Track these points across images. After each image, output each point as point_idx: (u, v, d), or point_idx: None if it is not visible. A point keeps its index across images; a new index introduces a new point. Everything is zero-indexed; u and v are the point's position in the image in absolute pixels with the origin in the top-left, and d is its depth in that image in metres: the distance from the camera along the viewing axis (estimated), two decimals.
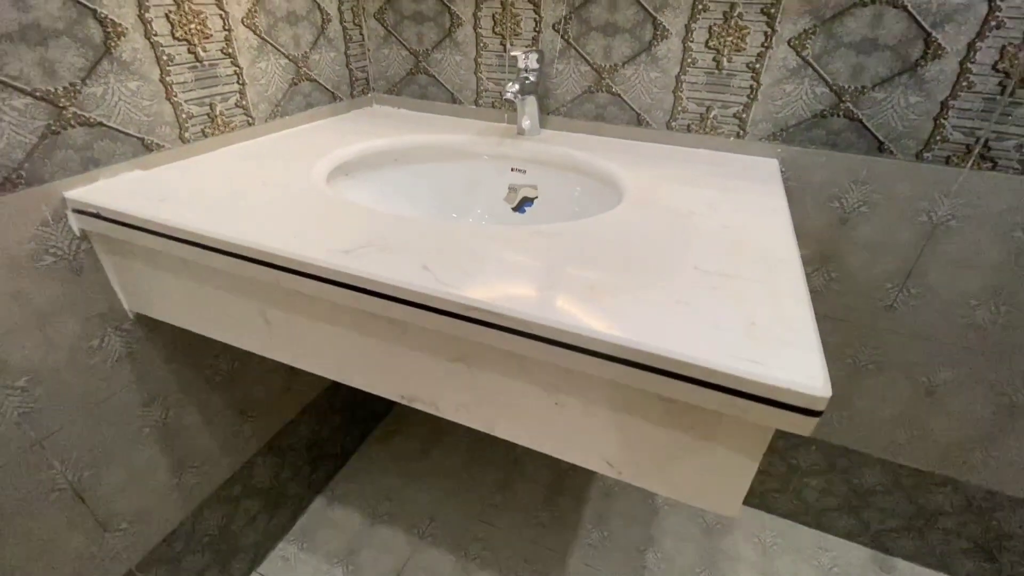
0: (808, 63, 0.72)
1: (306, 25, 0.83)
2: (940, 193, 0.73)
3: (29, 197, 0.54)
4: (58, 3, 0.53)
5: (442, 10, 0.88)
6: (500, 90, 0.91)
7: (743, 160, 0.78)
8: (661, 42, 0.77)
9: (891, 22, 0.66)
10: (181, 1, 0.64)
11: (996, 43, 0.64)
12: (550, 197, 0.84)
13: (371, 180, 0.81)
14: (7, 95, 0.51)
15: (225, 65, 0.71)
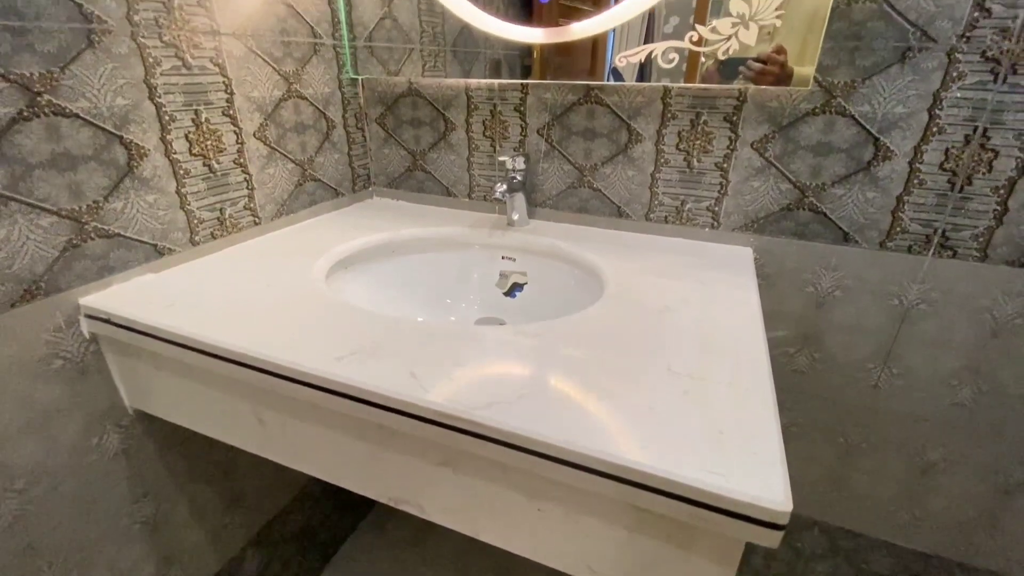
0: (771, 163, 0.78)
1: (312, 132, 0.91)
2: (908, 279, 0.77)
3: (46, 306, 0.58)
4: (88, 133, 0.59)
5: (437, 116, 0.97)
6: (491, 185, 0.98)
7: (719, 250, 0.82)
8: (636, 145, 0.84)
9: (842, 128, 0.73)
10: (200, 122, 0.71)
11: (940, 146, 0.70)
12: (539, 283, 0.88)
13: (369, 271, 0.85)
14: (35, 216, 0.56)
15: (236, 174, 0.78)
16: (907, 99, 0.69)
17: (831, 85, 0.71)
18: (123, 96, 0.62)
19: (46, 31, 0.54)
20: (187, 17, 0.67)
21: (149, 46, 0.63)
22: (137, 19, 0.61)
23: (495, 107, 0.92)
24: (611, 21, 0.76)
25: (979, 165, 0.69)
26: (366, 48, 0.94)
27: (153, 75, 0.64)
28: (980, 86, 0.66)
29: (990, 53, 0.64)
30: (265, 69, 0.79)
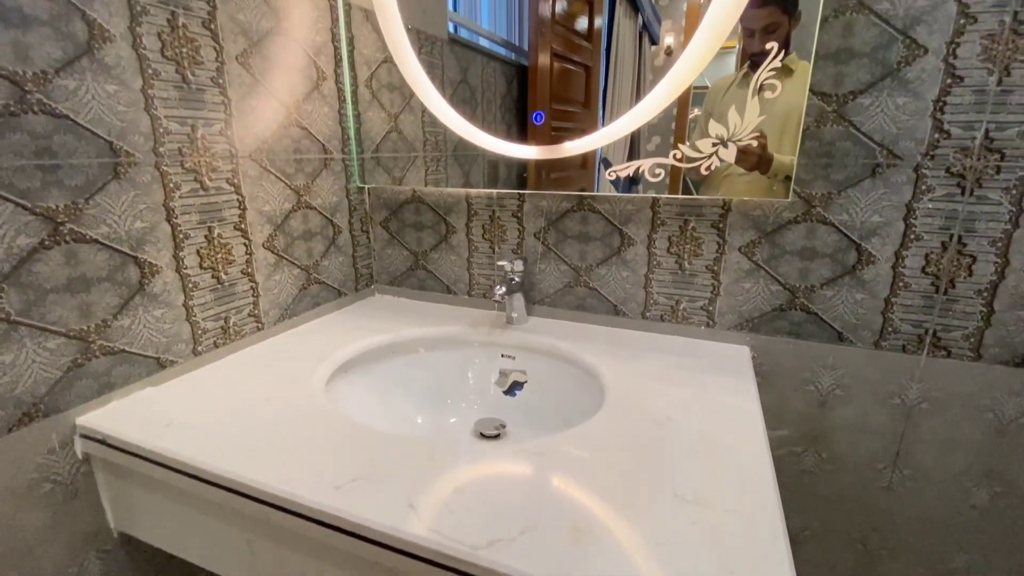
0: (760, 266, 0.81)
1: (319, 238, 0.95)
2: (906, 378, 0.78)
3: (43, 428, 0.58)
4: (105, 256, 0.62)
5: (439, 221, 1.02)
6: (490, 284, 1.01)
7: (716, 349, 0.83)
8: (628, 248, 0.88)
9: (824, 235, 0.77)
10: (212, 237, 0.74)
11: (919, 252, 0.73)
12: (539, 382, 0.87)
13: (370, 373, 0.85)
14: (43, 339, 0.57)
15: (243, 283, 0.80)
16: (882, 209, 0.73)
17: (809, 196, 0.76)
18: (142, 220, 0.65)
19: (76, 166, 0.58)
20: (208, 145, 0.72)
21: (171, 173, 0.68)
22: (162, 150, 0.66)
23: (494, 213, 0.97)
24: (599, 141, 0.82)
25: (959, 269, 0.72)
26: (373, 159, 1.01)
27: (172, 199, 0.68)
28: (949, 198, 0.70)
29: (954, 169, 0.69)
30: (278, 185, 0.84)
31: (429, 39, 0.97)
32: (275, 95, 0.81)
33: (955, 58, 0.66)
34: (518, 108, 0.98)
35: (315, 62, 0.89)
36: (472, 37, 1.05)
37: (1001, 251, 0.70)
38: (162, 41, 0.65)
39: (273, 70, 0.81)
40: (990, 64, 0.65)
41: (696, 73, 0.74)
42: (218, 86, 0.72)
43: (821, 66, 0.71)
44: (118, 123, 0.61)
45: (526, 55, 0.93)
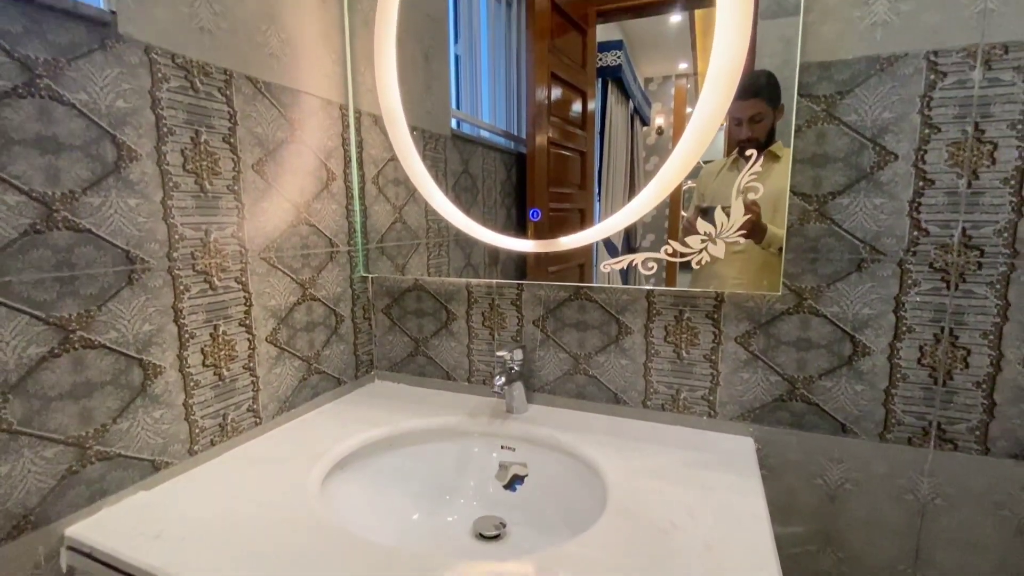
0: (757, 356, 0.82)
1: (322, 329, 0.97)
2: (916, 472, 0.76)
3: (31, 541, 0.56)
4: (111, 360, 0.63)
5: (440, 308, 1.04)
6: (490, 371, 1.01)
7: (718, 441, 0.82)
8: (626, 337, 0.89)
9: (817, 326, 0.78)
10: (217, 335, 0.76)
11: (913, 343, 0.74)
12: (540, 476, 0.85)
13: (367, 467, 0.84)
14: (41, 447, 0.57)
15: (244, 378, 0.81)
16: (871, 302, 0.75)
17: (800, 289, 0.78)
18: (150, 323, 0.67)
19: (92, 276, 0.61)
20: (220, 247, 0.76)
21: (182, 276, 0.71)
22: (176, 255, 0.70)
23: (493, 301, 0.99)
24: (594, 236, 0.86)
25: (955, 362, 0.72)
26: (377, 248, 1.05)
27: (181, 300, 0.71)
28: (936, 292, 0.72)
29: (937, 265, 0.71)
30: (284, 280, 0.87)
31: (433, 137, 1.04)
32: (286, 197, 0.86)
33: (924, 163, 0.70)
34: (517, 193, 1.03)
35: (325, 164, 0.95)
36: (473, 131, 1.13)
37: (994, 344, 0.70)
38: (184, 156, 0.70)
39: (286, 175, 0.86)
40: (958, 168, 0.69)
41: (684, 174, 0.79)
42: (233, 192, 0.77)
43: (799, 169, 0.76)
44: (136, 233, 0.65)
45: (524, 143, 0.99)
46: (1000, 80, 0.66)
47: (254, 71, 0.79)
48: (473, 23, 1.09)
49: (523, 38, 0.97)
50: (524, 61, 0.98)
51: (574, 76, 0.95)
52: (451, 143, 1.05)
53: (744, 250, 0.76)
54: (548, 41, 0.93)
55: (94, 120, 0.60)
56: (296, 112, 0.87)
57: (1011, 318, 0.69)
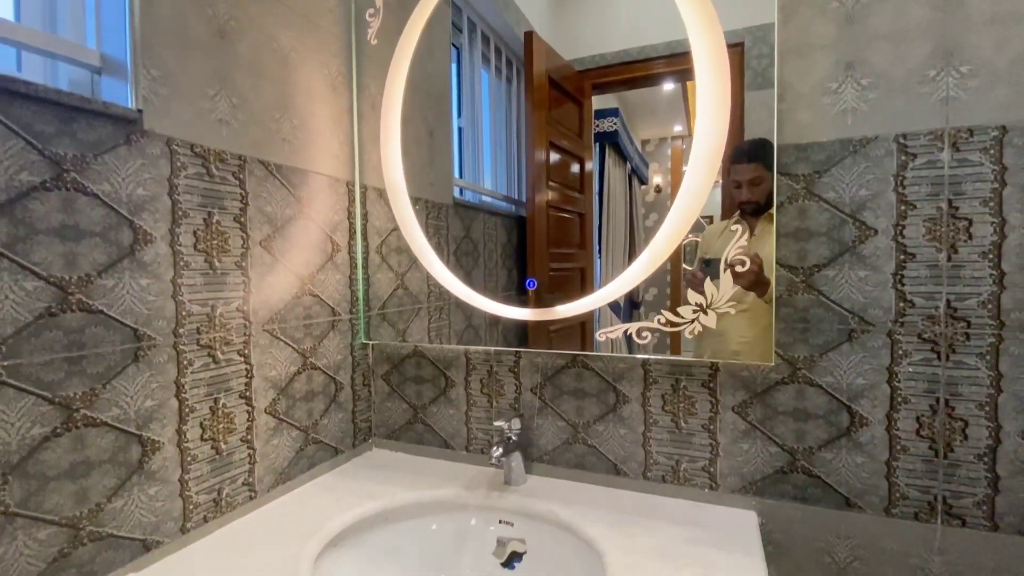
0: (755, 427, 0.81)
1: (321, 397, 0.97)
2: (925, 550, 0.73)
3: None
4: (112, 438, 0.64)
5: (438, 375, 1.05)
6: (488, 439, 1.00)
7: (721, 515, 0.80)
8: (624, 405, 0.89)
9: (813, 396, 0.78)
10: (217, 409, 0.77)
11: (910, 414, 0.74)
12: (539, 553, 0.83)
13: (362, 544, 0.82)
14: (35, 529, 0.57)
15: (241, 451, 0.81)
16: (865, 372, 0.75)
17: (793, 359, 0.79)
18: (152, 398, 0.68)
19: (100, 355, 0.63)
20: (225, 321, 0.78)
21: (186, 351, 0.72)
22: (182, 331, 0.72)
23: (492, 368, 1.00)
24: (590, 305, 0.88)
25: (953, 433, 0.72)
26: (379, 315, 1.07)
27: (184, 375, 0.72)
28: (927, 363, 0.73)
29: (925, 335, 0.73)
30: (286, 351, 0.89)
31: (436, 206, 1.09)
32: (292, 270, 0.90)
33: (904, 238, 0.73)
34: (518, 255, 1.06)
35: (331, 237, 0.99)
36: (475, 197, 1.17)
37: (991, 415, 0.70)
38: (196, 237, 0.74)
39: (292, 249, 0.90)
40: (937, 243, 0.72)
41: (675, 244, 0.82)
42: (240, 268, 0.80)
43: (784, 242, 0.79)
44: (145, 312, 0.67)
45: (524, 206, 1.03)
46: (968, 160, 0.70)
47: (267, 155, 0.84)
48: (475, 98, 1.16)
49: (522, 110, 1.04)
50: (524, 131, 1.04)
51: (571, 143, 1.01)
52: (453, 211, 1.10)
53: (748, 308, 0.77)
54: (546, 113, 0.99)
55: (114, 208, 0.64)
56: (305, 191, 0.92)
57: (1005, 389, 0.70)
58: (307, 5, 0.93)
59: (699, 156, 0.79)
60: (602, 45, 0.92)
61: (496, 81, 1.14)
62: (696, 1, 0.78)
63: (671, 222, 0.82)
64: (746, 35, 0.77)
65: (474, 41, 1.10)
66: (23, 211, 0.56)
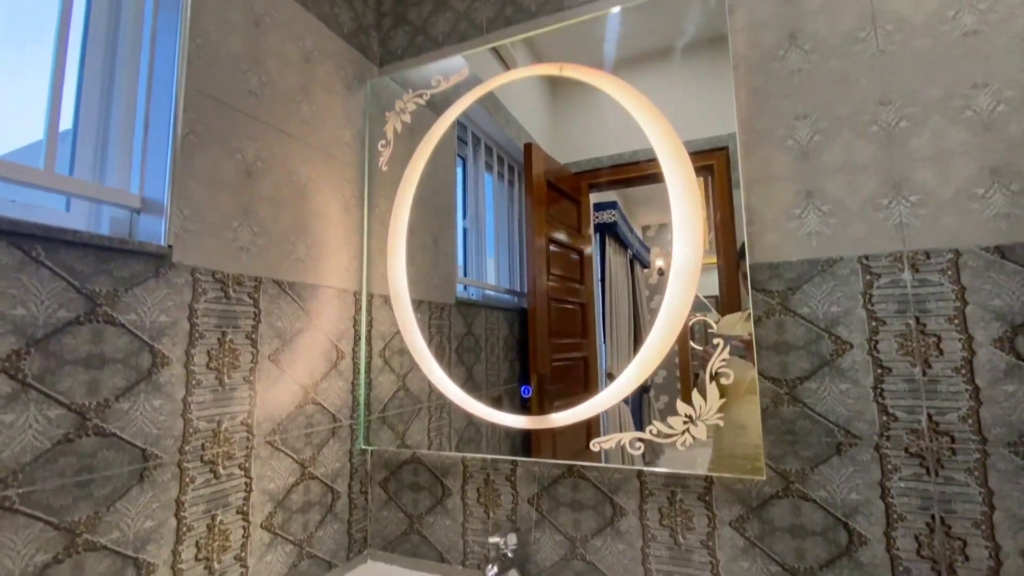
0: (754, 543, 0.80)
1: (317, 508, 0.97)
2: None
3: None
4: (108, 562, 0.65)
5: (435, 482, 1.05)
6: (484, 552, 0.98)
7: None
8: (621, 518, 0.88)
9: (809, 512, 0.78)
10: (214, 525, 0.78)
11: (908, 532, 0.73)
12: None
13: None
14: None
15: (234, 570, 0.80)
16: (857, 487, 0.76)
17: (785, 472, 0.79)
18: (152, 519, 0.70)
19: (108, 477, 0.65)
20: (230, 435, 0.81)
21: (190, 468, 0.75)
22: (187, 448, 0.75)
23: (488, 476, 1.00)
24: (585, 414, 0.91)
25: (954, 553, 0.71)
26: (379, 419, 1.09)
27: (185, 492, 0.74)
28: (918, 478, 0.73)
29: (912, 450, 0.74)
30: (285, 461, 0.91)
31: (439, 307, 1.14)
32: (297, 380, 0.94)
33: (879, 352, 0.77)
34: (520, 347, 1.10)
35: (336, 345, 1.04)
36: (478, 293, 1.23)
37: (987, 534, 0.69)
38: (209, 356, 0.79)
39: (299, 360, 0.95)
40: (911, 358, 0.75)
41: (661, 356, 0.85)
42: (248, 383, 0.85)
43: (765, 355, 0.82)
44: (155, 432, 0.71)
45: (526, 297, 1.07)
46: (929, 281, 0.75)
47: (281, 275, 0.92)
48: (479, 200, 1.25)
49: (523, 209, 1.11)
50: (525, 228, 1.12)
51: (571, 238, 1.08)
52: (455, 310, 1.15)
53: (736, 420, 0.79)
54: (545, 211, 1.07)
55: (138, 335, 0.70)
56: (314, 304, 0.99)
57: (998, 506, 0.69)
58: (326, 140, 1.06)
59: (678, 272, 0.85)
60: (596, 150, 1.01)
61: (499, 183, 1.24)
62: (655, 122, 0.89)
63: (666, 311, 0.86)
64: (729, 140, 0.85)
65: (478, 152, 1.21)
66: (57, 344, 0.62)
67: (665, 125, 0.90)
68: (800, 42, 0.85)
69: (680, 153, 0.88)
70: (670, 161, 0.89)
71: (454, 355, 1.11)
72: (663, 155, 0.90)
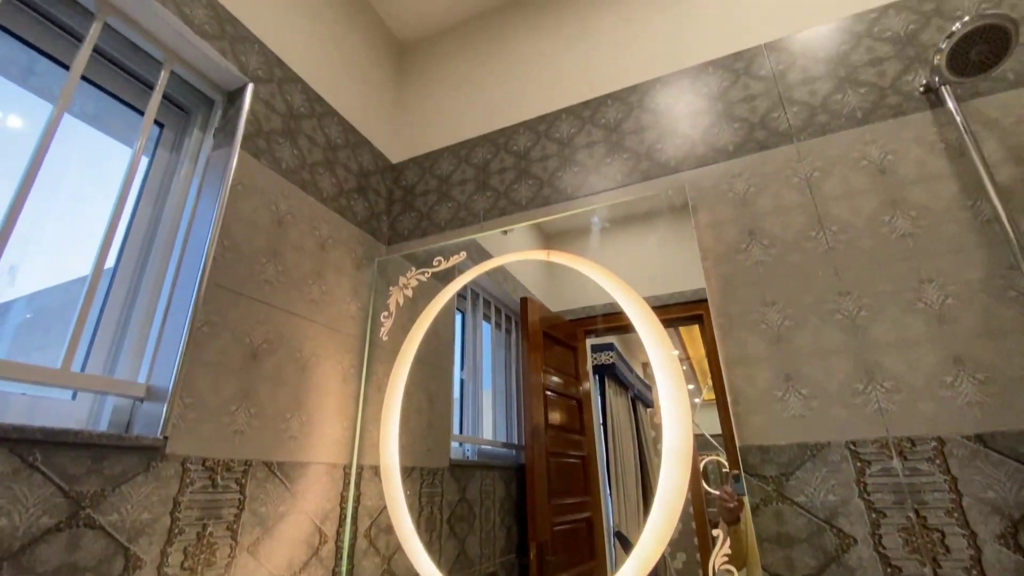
0: None
1: None
2: None
3: None
4: None
5: None
6: None
7: None
8: None
9: None
10: None
11: None
12: None
13: None
14: None
15: None
16: None
17: None
18: None
19: None
20: None
21: None
22: None
23: None
24: None
25: None
26: None
27: None
28: None
29: None
30: None
31: (431, 472, 1.11)
32: (274, 574, 0.88)
33: (884, 548, 0.73)
34: (518, 510, 1.03)
35: (320, 528, 0.99)
36: (473, 451, 1.19)
37: None
38: (185, 554, 0.75)
39: (278, 549, 0.90)
40: (918, 556, 0.72)
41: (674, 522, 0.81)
42: None
43: (768, 548, 0.78)
44: None
45: (523, 450, 1.02)
46: (919, 470, 0.75)
47: (272, 456, 0.92)
48: (477, 351, 1.28)
49: (521, 359, 1.13)
50: (522, 378, 1.12)
51: (568, 388, 1.07)
52: (449, 473, 1.11)
53: None
54: (541, 358, 1.08)
55: (115, 537, 0.68)
56: (302, 483, 0.97)
57: None
58: (332, 316, 1.13)
59: (668, 453, 0.85)
60: (589, 299, 1.06)
61: (496, 332, 1.28)
62: (636, 304, 0.95)
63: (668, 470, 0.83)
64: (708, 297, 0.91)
65: (477, 305, 1.27)
66: (30, 558, 0.60)
67: (642, 304, 0.97)
68: (759, 238, 0.96)
69: (656, 326, 0.94)
70: (643, 324, 0.94)
71: (446, 526, 1.05)
72: (642, 331, 0.95)
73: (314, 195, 1.13)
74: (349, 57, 1.36)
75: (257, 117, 1.01)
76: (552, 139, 1.26)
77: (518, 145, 1.30)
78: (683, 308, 0.95)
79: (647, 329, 0.95)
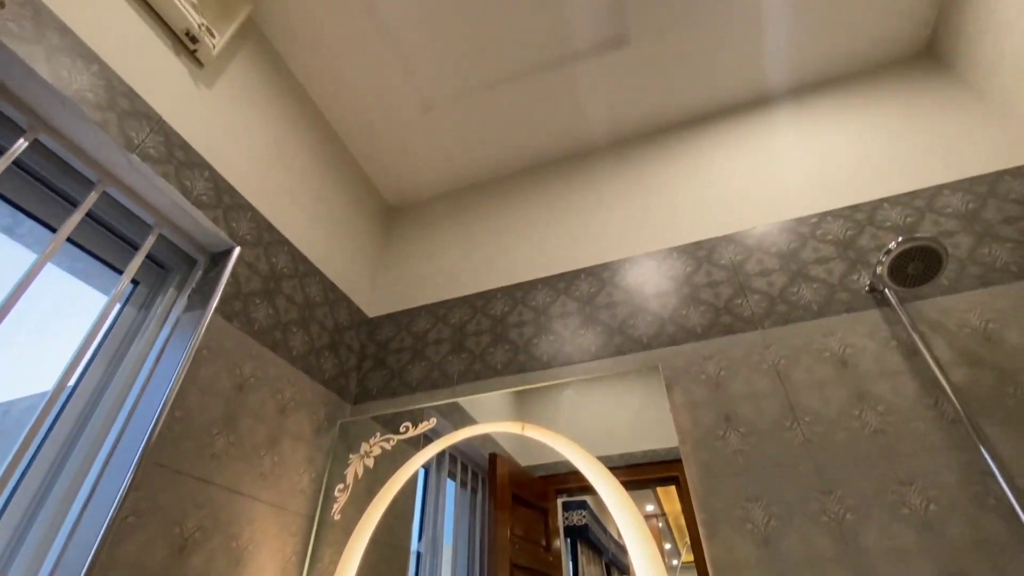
0: None
1: None
2: None
3: None
4: None
5: None
6: None
7: None
8: None
9: None
10: None
11: None
12: None
13: None
14: None
15: None
16: None
17: None
18: None
19: None
20: None
21: None
22: None
23: None
24: None
25: None
26: None
27: None
28: None
29: None
30: None
31: None
32: None
33: None
34: None
35: None
36: None
37: None
38: None
39: None
40: None
41: None
42: None
43: None
44: None
45: None
46: None
47: None
48: (439, 516, 1.13)
49: (487, 521, 1.00)
50: (487, 543, 0.98)
51: (537, 559, 0.94)
52: None
53: None
54: (509, 517, 0.96)
55: None
56: None
57: None
58: (281, 492, 1.01)
59: None
60: (561, 455, 0.99)
61: (461, 492, 1.15)
62: (606, 480, 0.89)
63: None
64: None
65: (442, 463, 1.16)
66: None
67: (612, 480, 0.91)
68: (736, 425, 0.95)
69: (632, 511, 0.87)
70: (619, 511, 0.87)
71: None
72: (618, 518, 0.88)
73: (283, 355, 1.09)
74: (338, 218, 1.43)
75: (238, 279, 1.01)
76: (528, 306, 1.30)
77: (495, 309, 1.33)
78: (658, 468, 0.92)
79: (625, 519, 0.88)
